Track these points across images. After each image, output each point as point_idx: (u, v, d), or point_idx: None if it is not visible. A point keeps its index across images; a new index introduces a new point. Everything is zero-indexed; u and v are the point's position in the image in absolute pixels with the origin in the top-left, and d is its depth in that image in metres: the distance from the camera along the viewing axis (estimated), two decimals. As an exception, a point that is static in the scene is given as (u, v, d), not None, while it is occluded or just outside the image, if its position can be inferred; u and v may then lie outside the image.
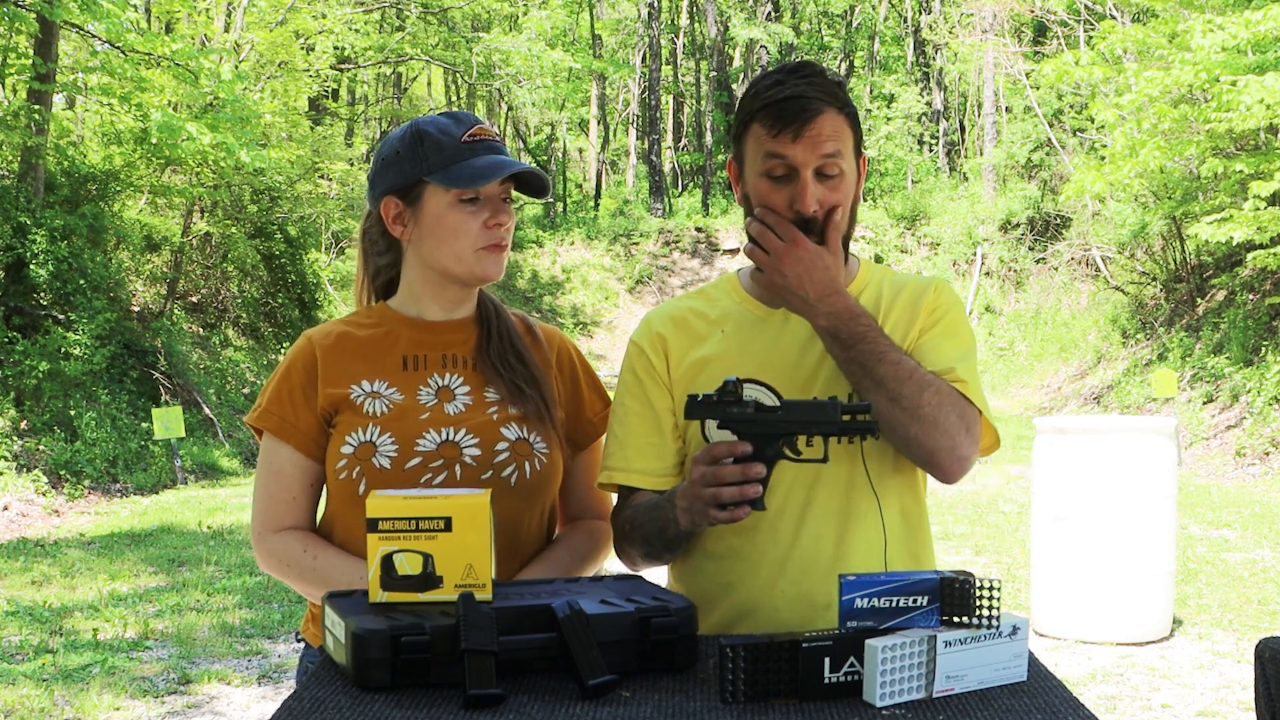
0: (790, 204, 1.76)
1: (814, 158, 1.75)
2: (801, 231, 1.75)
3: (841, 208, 1.79)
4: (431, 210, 1.87)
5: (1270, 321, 14.42)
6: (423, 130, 1.88)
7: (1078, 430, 6.06)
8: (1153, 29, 14.41)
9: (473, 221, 1.86)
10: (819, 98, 1.76)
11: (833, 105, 1.77)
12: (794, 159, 1.75)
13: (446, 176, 1.84)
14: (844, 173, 1.79)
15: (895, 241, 26.42)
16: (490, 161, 1.85)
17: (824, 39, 37.25)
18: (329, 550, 1.88)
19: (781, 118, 1.75)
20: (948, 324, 1.85)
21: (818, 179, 1.76)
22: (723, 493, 1.58)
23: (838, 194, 1.78)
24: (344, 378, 1.91)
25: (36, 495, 10.65)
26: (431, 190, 1.87)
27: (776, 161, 1.76)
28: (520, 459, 1.88)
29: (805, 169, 1.75)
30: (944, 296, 1.87)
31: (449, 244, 1.87)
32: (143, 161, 15.09)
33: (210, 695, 5.23)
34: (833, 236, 1.77)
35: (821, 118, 1.76)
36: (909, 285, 1.89)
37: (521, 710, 1.38)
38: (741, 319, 1.88)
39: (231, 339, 17.70)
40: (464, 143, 1.86)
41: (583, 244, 28.21)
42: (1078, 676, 5.33)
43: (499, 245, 1.89)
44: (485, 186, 1.85)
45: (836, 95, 1.78)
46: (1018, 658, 1.50)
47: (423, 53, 25.31)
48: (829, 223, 1.77)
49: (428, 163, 1.86)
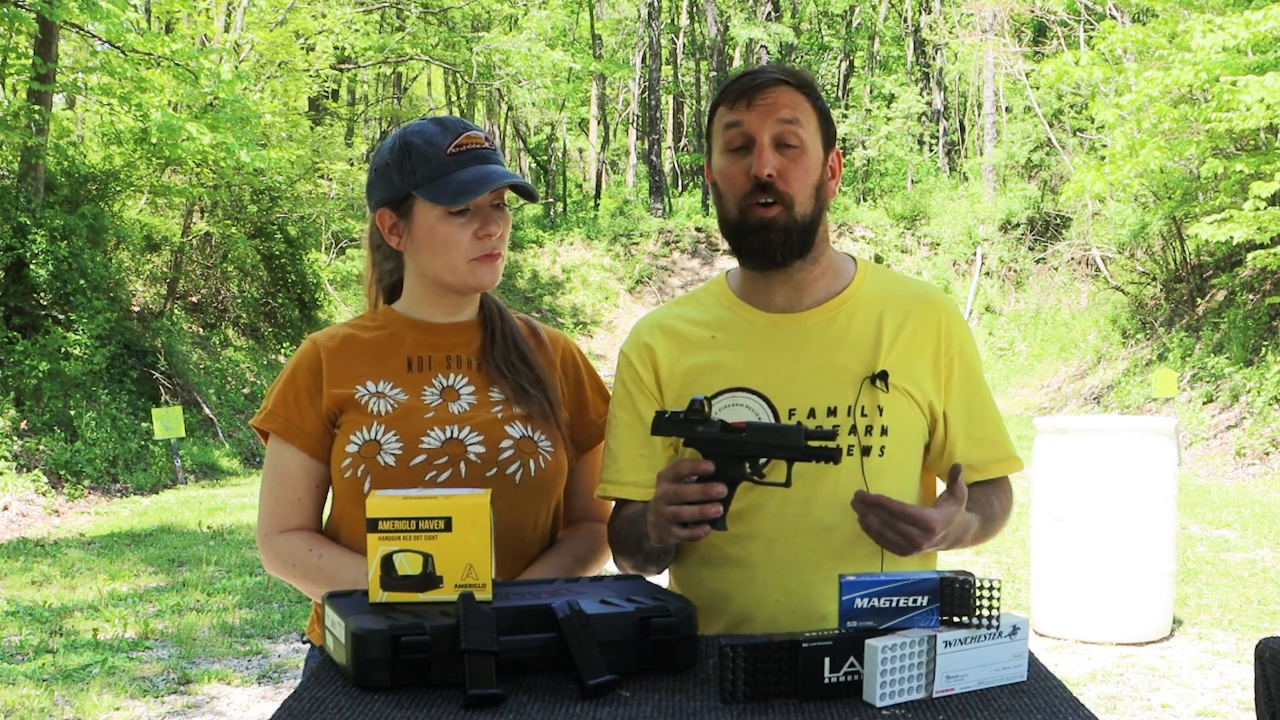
0: (748, 172, 1.76)
1: (769, 123, 1.76)
2: (759, 194, 1.76)
3: (801, 184, 1.77)
4: (422, 223, 1.88)
5: (1270, 321, 14.42)
6: (409, 142, 1.88)
7: (1078, 430, 6.06)
8: (1153, 29, 14.41)
9: (463, 233, 1.86)
10: (777, 75, 1.80)
11: (792, 84, 1.79)
12: (749, 125, 1.76)
13: (432, 192, 1.84)
14: (805, 145, 1.78)
15: (895, 241, 26.41)
16: (475, 175, 1.85)
17: (824, 39, 37.26)
18: (335, 550, 1.89)
19: (737, 90, 1.79)
20: (967, 369, 1.88)
21: (777, 149, 1.76)
22: (683, 511, 1.59)
23: (797, 166, 1.77)
24: (349, 379, 1.91)
25: (36, 495, 10.65)
26: (420, 204, 1.87)
27: (735, 131, 1.78)
28: (525, 456, 1.89)
29: (761, 134, 1.76)
30: (956, 328, 1.88)
31: (441, 256, 1.88)
32: (143, 161, 15.09)
33: (210, 695, 5.23)
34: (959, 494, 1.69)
35: (777, 88, 1.78)
36: (916, 308, 1.87)
37: (521, 710, 1.38)
38: (733, 325, 1.86)
39: (231, 339, 17.70)
40: (449, 155, 1.85)
41: (583, 244, 28.21)
42: (1078, 676, 5.32)
43: (491, 255, 1.88)
44: (476, 199, 1.85)
45: (799, 78, 1.81)
46: (1018, 658, 1.50)
47: (423, 53, 25.31)
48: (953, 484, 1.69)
49: (415, 176, 1.86)
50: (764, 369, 1.82)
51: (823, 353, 1.82)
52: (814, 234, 1.81)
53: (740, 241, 1.81)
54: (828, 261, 1.87)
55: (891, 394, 1.80)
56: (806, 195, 1.78)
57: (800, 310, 1.84)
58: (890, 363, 1.81)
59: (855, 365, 1.81)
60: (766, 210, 1.76)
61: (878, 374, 1.80)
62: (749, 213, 1.77)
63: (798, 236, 1.78)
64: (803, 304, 1.84)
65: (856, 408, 1.79)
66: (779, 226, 1.77)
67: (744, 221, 1.78)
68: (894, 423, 1.80)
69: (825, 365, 1.81)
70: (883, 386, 1.80)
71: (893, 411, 1.80)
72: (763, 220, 1.77)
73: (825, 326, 1.83)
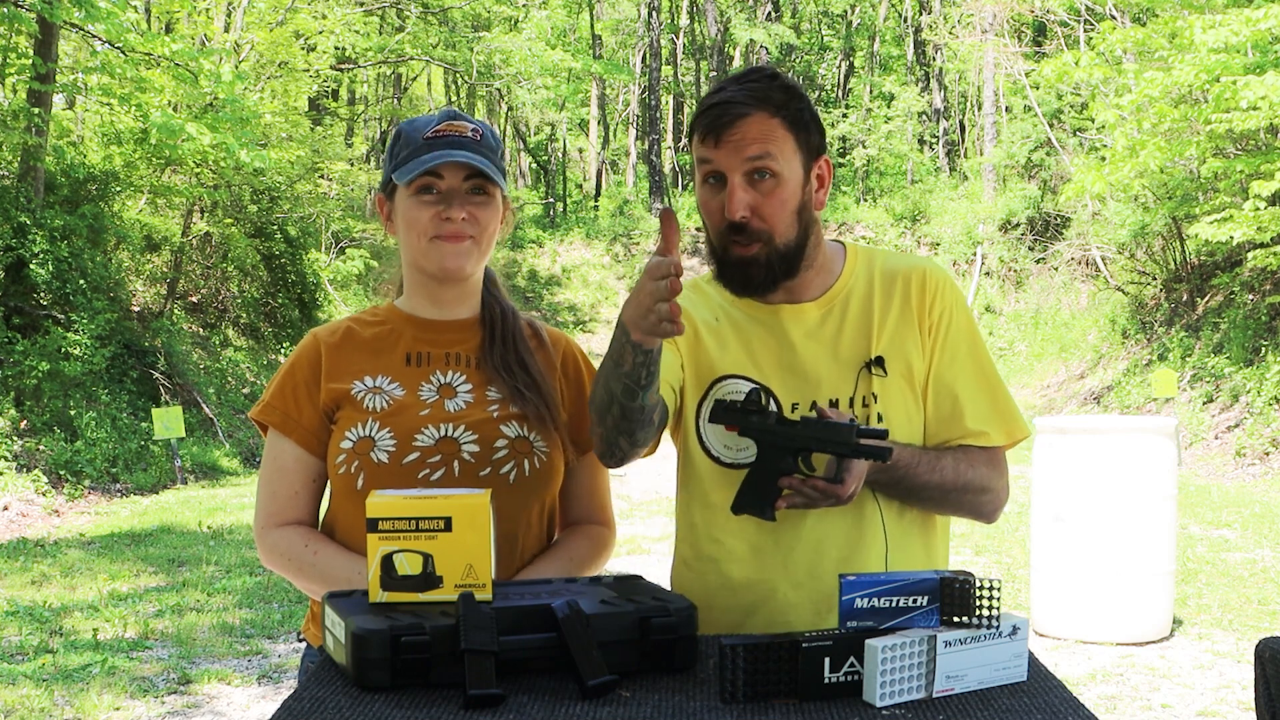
0: (723, 210, 1.75)
1: (739, 161, 1.74)
2: (735, 234, 1.75)
3: (779, 215, 1.75)
4: (399, 206, 1.92)
5: (1270, 321, 14.41)
6: (400, 129, 1.94)
7: (1078, 430, 6.06)
8: (1153, 29, 14.39)
9: (425, 212, 1.88)
10: (745, 102, 1.74)
11: (764, 108, 1.74)
12: (719, 163, 1.75)
13: (401, 171, 1.89)
14: (779, 175, 1.75)
15: (895, 241, 26.43)
16: (437, 155, 1.87)
17: (824, 39, 37.25)
18: (330, 546, 1.89)
19: (707, 124, 1.75)
20: (956, 336, 1.85)
21: (749, 183, 1.75)
22: (666, 286, 1.49)
23: (773, 199, 1.75)
24: (347, 373, 1.92)
25: (36, 495, 10.65)
26: (399, 188, 1.91)
27: (707, 167, 1.77)
28: (519, 456, 1.89)
29: (732, 174, 1.74)
30: (945, 294, 1.86)
31: (408, 236, 1.91)
32: (143, 161, 15.09)
33: (210, 695, 5.23)
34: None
35: (745, 120, 1.73)
36: (900, 277, 1.86)
37: (521, 710, 1.38)
38: (735, 314, 1.87)
39: (231, 339, 17.70)
40: (426, 139, 1.89)
41: (582, 243, 28.23)
42: (1078, 676, 5.32)
43: (452, 236, 1.88)
44: (445, 180, 1.87)
45: (771, 98, 1.75)
46: (1018, 658, 1.50)
47: (423, 53, 25.32)
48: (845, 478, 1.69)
49: (395, 160, 1.92)
50: (767, 361, 1.83)
51: (823, 346, 1.83)
52: (799, 258, 1.80)
53: (722, 271, 1.82)
54: (822, 260, 1.87)
55: (890, 379, 1.81)
56: (787, 224, 1.77)
57: (798, 303, 1.85)
58: (884, 347, 1.82)
59: (853, 355, 1.82)
60: (745, 250, 1.76)
61: (873, 360, 1.81)
62: (729, 250, 1.78)
63: (780, 266, 1.78)
64: (800, 298, 1.85)
65: (857, 399, 1.80)
66: (760, 263, 1.77)
67: (725, 257, 1.80)
68: (889, 409, 1.81)
69: (826, 358, 1.82)
70: (880, 371, 1.81)
71: (888, 399, 1.81)
72: (742, 259, 1.77)
73: (823, 319, 1.84)
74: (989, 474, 1.84)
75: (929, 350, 1.84)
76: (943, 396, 1.84)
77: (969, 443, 1.83)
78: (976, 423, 1.84)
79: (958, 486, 1.81)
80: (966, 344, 1.86)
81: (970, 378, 1.85)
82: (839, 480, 1.66)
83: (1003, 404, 1.86)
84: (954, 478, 1.80)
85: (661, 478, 9.38)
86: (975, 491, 1.83)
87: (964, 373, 1.85)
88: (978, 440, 1.84)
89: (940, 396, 1.84)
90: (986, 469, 1.84)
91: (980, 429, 1.84)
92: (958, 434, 1.84)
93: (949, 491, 1.80)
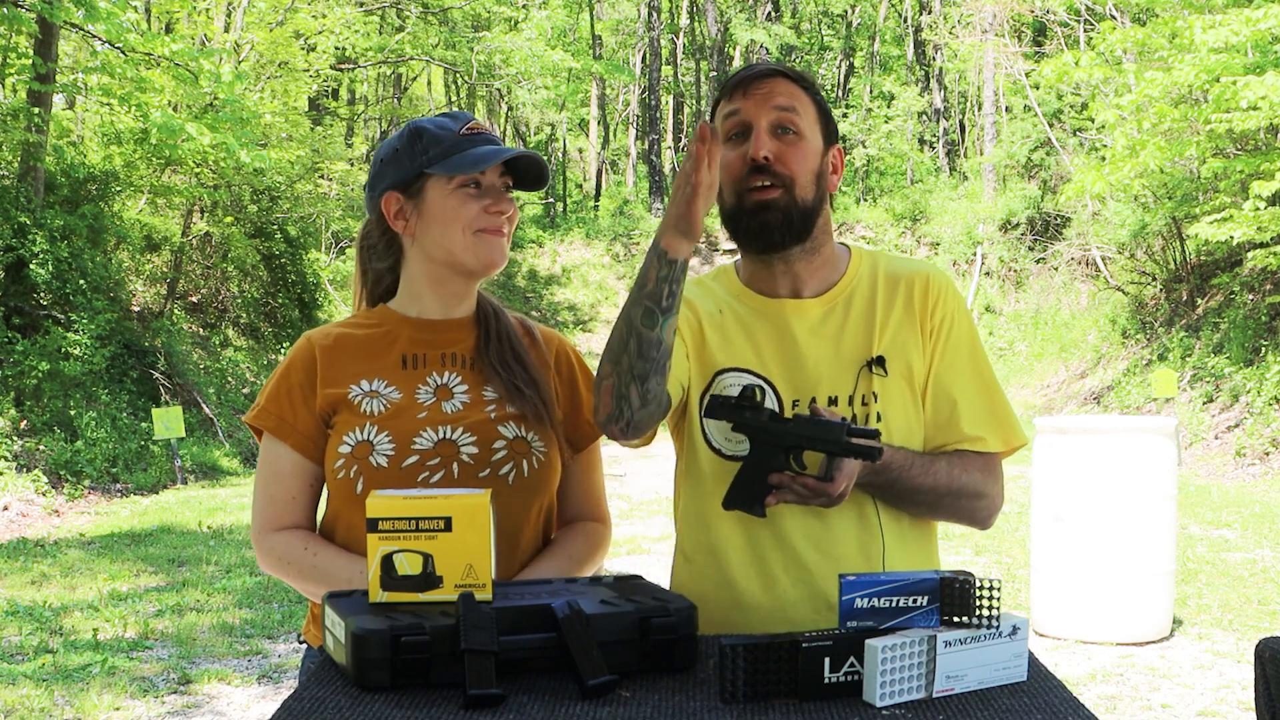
0: (745, 157, 1.77)
1: (766, 110, 1.78)
2: (756, 176, 1.76)
3: (801, 167, 1.78)
4: (433, 199, 1.90)
5: (1270, 321, 14.41)
6: (420, 127, 1.92)
7: (1078, 430, 6.06)
8: (1153, 29, 14.39)
9: (473, 205, 1.88)
10: (774, 69, 1.83)
11: (789, 77, 1.81)
12: (746, 113, 1.78)
13: (447, 165, 1.87)
14: (803, 133, 1.79)
15: (895, 241, 26.44)
16: (489, 149, 1.89)
17: (824, 39, 37.25)
18: (329, 548, 1.88)
19: (735, 81, 1.82)
20: (957, 341, 1.86)
21: (774, 135, 1.78)
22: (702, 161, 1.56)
23: (796, 150, 1.78)
24: (343, 377, 1.91)
25: (36, 495, 10.65)
26: (433, 181, 1.89)
27: (733, 120, 1.80)
28: (518, 457, 1.88)
29: (759, 120, 1.78)
30: (947, 299, 1.87)
31: (451, 228, 1.89)
32: (143, 161, 15.10)
33: (210, 695, 5.23)
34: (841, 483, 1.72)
35: (774, 79, 1.81)
36: (903, 280, 1.87)
37: (521, 710, 1.38)
38: (740, 309, 1.88)
39: (231, 339, 17.70)
40: (462, 136, 1.90)
41: (582, 243, 28.23)
42: (1078, 676, 5.32)
43: (498, 230, 1.90)
44: (485, 175, 1.88)
45: (799, 75, 1.83)
46: (1018, 658, 1.50)
47: (423, 53, 25.30)
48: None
49: (427, 156, 1.89)
50: (769, 355, 1.84)
51: (825, 343, 1.83)
52: (814, 221, 1.81)
53: (737, 225, 1.82)
54: (829, 252, 1.88)
55: (891, 379, 1.82)
56: (807, 179, 1.79)
57: (803, 299, 1.85)
58: (885, 347, 1.82)
59: (854, 354, 1.83)
60: (764, 193, 1.77)
61: (874, 359, 1.81)
62: (745, 196, 1.78)
63: (798, 219, 1.79)
64: (805, 293, 1.86)
65: (856, 397, 1.81)
66: (778, 207, 1.77)
67: (740, 205, 1.79)
68: (889, 409, 1.82)
69: (827, 355, 1.83)
70: (880, 371, 1.81)
71: (888, 399, 1.82)
72: (759, 202, 1.78)
73: (825, 316, 1.85)
74: (984, 480, 1.84)
75: (929, 353, 1.84)
76: (941, 400, 1.84)
77: (965, 448, 1.84)
78: (973, 428, 1.84)
79: (951, 491, 1.81)
80: (967, 349, 1.87)
81: (969, 383, 1.86)
82: (829, 479, 1.67)
83: (1001, 411, 1.87)
84: (948, 482, 1.80)
85: (661, 478, 9.37)
86: (969, 497, 1.83)
87: (963, 378, 1.85)
88: (974, 445, 1.84)
89: (938, 400, 1.85)
90: (981, 475, 1.84)
91: (977, 434, 1.84)
92: (954, 438, 1.84)
93: (942, 495, 1.80)
